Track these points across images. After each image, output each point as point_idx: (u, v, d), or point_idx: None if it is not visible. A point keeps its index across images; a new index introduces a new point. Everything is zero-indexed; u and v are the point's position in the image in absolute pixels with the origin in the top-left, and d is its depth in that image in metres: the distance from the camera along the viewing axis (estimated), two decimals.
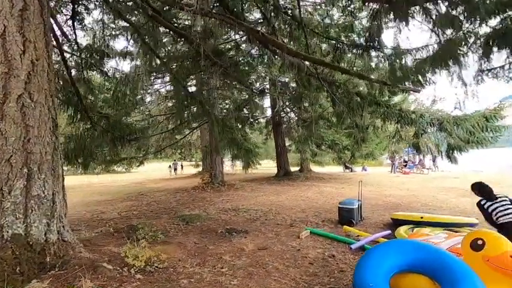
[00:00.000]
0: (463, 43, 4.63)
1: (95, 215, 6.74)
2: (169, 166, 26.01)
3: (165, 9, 5.85)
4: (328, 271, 3.14)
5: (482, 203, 3.40)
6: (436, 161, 15.83)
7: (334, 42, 6.16)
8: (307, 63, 5.42)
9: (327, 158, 15.05)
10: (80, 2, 5.84)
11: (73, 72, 6.58)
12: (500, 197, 3.35)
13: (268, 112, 14.55)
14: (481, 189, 3.48)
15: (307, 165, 16.71)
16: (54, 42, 5.08)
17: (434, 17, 4.75)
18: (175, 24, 6.33)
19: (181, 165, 27.60)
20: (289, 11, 5.87)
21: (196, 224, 5.31)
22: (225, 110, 14.33)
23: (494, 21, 4.52)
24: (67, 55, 6.38)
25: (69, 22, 5.97)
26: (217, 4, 5.17)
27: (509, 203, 3.26)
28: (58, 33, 5.63)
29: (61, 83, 6.17)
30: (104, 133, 7.16)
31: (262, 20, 5.96)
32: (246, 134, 8.08)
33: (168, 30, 6.08)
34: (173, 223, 5.29)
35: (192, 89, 14.51)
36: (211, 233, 4.65)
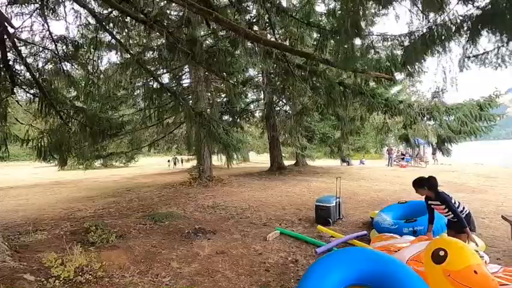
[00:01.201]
0: (451, 27, 4.21)
1: (69, 213, 6.50)
2: (168, 160, 26.39)
3: None
4: (284, 280, 2.82)
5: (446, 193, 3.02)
6: (436, 153, 15.34)
7: (316, 28, 5.73)
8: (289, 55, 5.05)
9: (319, 152, 14.64)
10: None
11: (51, 65, 6.31)
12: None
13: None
14: (430, 182, 3.03)
15: (303, 159, 16.35)
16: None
17: None
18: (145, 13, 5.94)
19: (181, 160, 27.50)
20: None
21: (165, 223, 5.03)
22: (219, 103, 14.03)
23: (483, 2, 4.09)
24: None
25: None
26: None
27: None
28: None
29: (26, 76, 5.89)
30: (82, 128, 6.89)
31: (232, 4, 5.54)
32: (230, 127, 7.69)
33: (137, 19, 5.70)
34: (140, 223, 5.01)
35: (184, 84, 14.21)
36: (176, 234, 4.36)
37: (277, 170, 13.59)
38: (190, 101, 12.88)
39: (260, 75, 13.38)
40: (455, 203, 2.94)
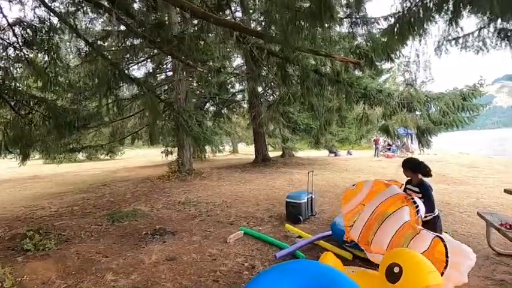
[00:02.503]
0: (431, 7, 3.84)
1: (28, 213, 6.05)
2: (162, 151, 25.41)
3: None
4: None
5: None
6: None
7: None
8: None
9: (304, 144, 14.33)
10: None
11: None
12: None
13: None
14: (417, 166, 2.84)
15: (289, 150, 16.05)
16: None
17: None
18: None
19: (171, 151, 26.84)
20: None
21: (123, 223, 4.65)
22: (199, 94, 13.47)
23: None
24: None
25: None
26: None
27: None
28: None
29: None
30: (44, 120, 6.37)
31: None
32: (202, 119, 7.26)
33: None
34: (97, 223, 4.63)
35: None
36: (131, 236, 4.00)
37: (262, 162, 13.27)
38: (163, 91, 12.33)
39: (244, 63, 12.87)
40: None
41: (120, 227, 4.47)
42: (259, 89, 12.98)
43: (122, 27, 6.71)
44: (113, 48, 8.70)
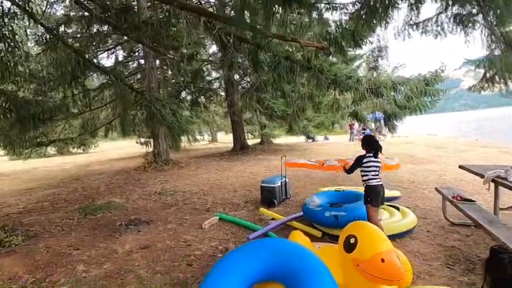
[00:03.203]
0: None
1: None
2: (136, 142, 24.44)
3: None
4: (205, 274, 2.57)
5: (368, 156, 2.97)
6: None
7: None
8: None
9: (282, 131, 14.51)
10: None
11: None
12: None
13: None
14: (372, 143, 3.04)
15: (268, 137, 16.19)
16: None
17: None
18: None
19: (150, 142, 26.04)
20: None
21: (97, 216, 4.57)
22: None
23: None
24: None
25: None
26: None
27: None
28: None
29: None
30: (5, 113, 5.98)
31: None
32: (176, 108, 7.10)
33: None
34: (68, 217, 4.52)
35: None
36: (104, 228, 3.95)
37: (240, 150, 13.32)
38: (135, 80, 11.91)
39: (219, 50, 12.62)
40: (372, 171, 2.89)
41: (93, 219, 4.39)
42: (236, 77, 12.88)
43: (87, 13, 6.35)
44: (78, 35, 8.25)
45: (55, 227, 4.04)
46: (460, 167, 3.97)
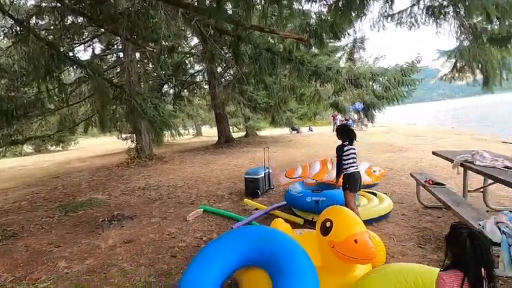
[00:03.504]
0: None
1: None
2: (123, 138, 23.68)
3: None
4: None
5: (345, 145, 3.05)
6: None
7: None
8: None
9: (265, 122, 14.58)
10: None
11: None
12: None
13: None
14: (347, 132, 3.12)
15: (253, 129, 16.23)
16: None
17: None
18: None
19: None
20: None
21: (78, 213, 4.49)
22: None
23: None
24: None
25: None
26: None
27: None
28: None
29: None
30: None
31: None
32: (158, 102, 6.98)
33: None
34: (48, 216, 4.42)
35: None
36: (87, 225, 3.90)
37: (225, 143, 13.31)
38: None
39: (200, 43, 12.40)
40: (351, 159, 2.98)
41: (74, 217, 4.32)
42: (219, 69, 12.74)
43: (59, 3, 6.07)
44: (51, 28, 7.88)
45: (34, 225, 3.95)
46: (433, 153, 4.18)
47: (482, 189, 3.57)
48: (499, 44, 3.65)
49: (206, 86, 14.71)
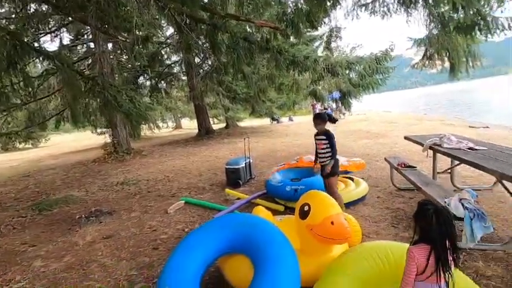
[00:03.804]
0: None
1: None
2: (101, 133, 22.65)
3: None
4: None
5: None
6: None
7: None
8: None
9: (245, 113, 14.56)
10: None
11: None
12: None
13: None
14: (331, 119, 3.19)
15: (233, 120, 16.14)
16: None
17: None
18: None
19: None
20: None
21: (53, 211, 4.33)
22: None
23: None
24: None
25: None
26: None
27: None
28: None
29: None
30: None
31: None
32: (133, 94, 6.75)
33: None
34: (20, 215, 4.22)
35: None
36: (63, 223, 3.77)
37: (206, 135, 13.17)
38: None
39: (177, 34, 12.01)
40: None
41: (49, 215, 4.16)
42: (197, 60, 12.46)
43: None
44: (13, 16, 7.34)
45: (5, 226, 3.76)
46: (406, 138, 4.38)
47: (449, 170, 3.80)
48: (464, 32, 3.83)
49: (184, 77, 14.35)
